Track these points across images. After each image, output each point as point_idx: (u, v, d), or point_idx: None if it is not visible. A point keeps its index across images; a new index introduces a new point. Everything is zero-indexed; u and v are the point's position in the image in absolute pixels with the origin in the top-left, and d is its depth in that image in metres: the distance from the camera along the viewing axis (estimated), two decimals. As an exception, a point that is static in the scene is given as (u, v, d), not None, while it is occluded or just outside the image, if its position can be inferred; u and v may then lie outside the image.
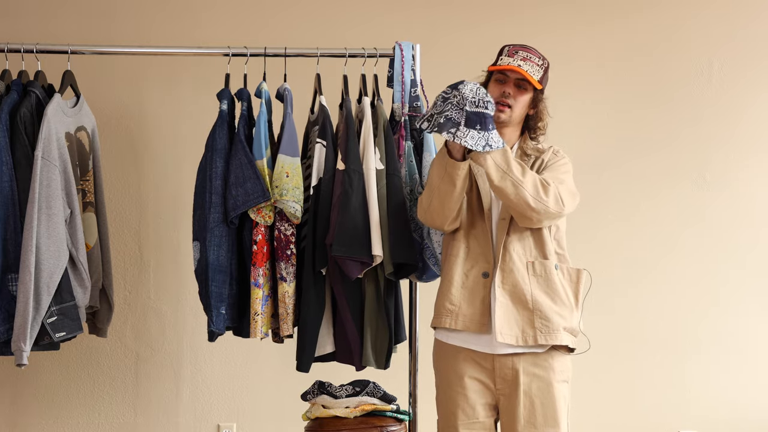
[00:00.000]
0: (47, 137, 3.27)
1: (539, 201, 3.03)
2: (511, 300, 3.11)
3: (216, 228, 3.39)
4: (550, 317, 3.09)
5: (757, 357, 4.42)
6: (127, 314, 4.27)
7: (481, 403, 3.14)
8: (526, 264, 3.12)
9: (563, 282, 3.15)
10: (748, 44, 4.41)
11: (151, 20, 4.26)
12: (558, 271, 3.15)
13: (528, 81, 3.11)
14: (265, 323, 3.44)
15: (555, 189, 3.05)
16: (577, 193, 3.16)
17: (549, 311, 3.10)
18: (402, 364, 3.67)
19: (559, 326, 3.10)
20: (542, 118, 3.19)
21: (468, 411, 3.14)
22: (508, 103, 3.12)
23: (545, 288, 3.12)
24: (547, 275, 3.13)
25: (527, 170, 3.05)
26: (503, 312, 3.10)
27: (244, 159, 3.36)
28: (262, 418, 4.34)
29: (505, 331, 3.08)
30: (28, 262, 3.20)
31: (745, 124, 4.41)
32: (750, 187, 4.41)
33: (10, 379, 4.25)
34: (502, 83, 3.14)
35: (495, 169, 3.01)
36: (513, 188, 3.01)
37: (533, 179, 3.03)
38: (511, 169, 3.01)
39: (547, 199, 3.03)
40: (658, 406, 4.41)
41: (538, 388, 3.09)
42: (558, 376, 3.12)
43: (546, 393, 3.09)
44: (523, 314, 3.10)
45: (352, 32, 4.18)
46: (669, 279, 4.40)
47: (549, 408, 3.09)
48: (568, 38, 4.34)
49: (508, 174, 3.01)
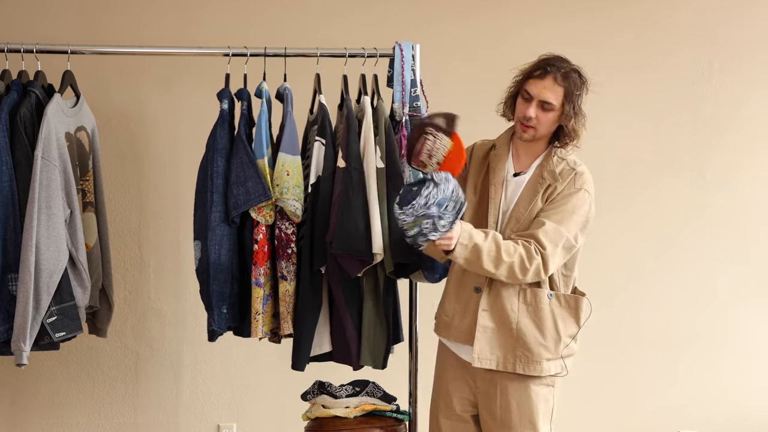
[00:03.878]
0: (47, 137, 3.26)
1: (514, 279, 2.99)
2: (497, 324, 3.07)
3: (217, 227, 3.39)
4: (532, 348, 3.05)
5: (758, 357, 4.42)
6: (127, 314, 4.27)
7: (458, 397, 3.18)
8: (518, 290, 3.07)
9: (555, 311, 3.08)
10: (748, 44, 4.40)
11: (151, 20, 4.26)
12: (552, 300, 3.08)
13: (553, 103, 3.03)
14: (266, 322, 3.44)
15: (537, 264, 2.97)
16: (574, 244, 3.04)
17: (533, 342, 3.05)
18: (402, 364, 3.67)
19: (542, 358, 3.06)
20: (573, 137, 3.08)
21: (447, 401, 3.21)
22: (531, 125, 3.06)
23: (533, 317, 3.07)
24: (537, 304, 3.07)
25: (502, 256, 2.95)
26: (483, 336, 3.08)
27: (245, 158, 3.36)
28: (262, 418, 4.34)
29: (484, 356, 3.08)
30: (28, 262, 3.20)
31: (745, 124, 4.41)
32: (749, 186, 4.41)
33: (10, 379, 4.25)
34: (528, 101, 3.06)
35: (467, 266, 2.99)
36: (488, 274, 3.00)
37: (507, 267, 2.96)
38: (482, 265, 2.96)
39: (524, 278, 2.99)
40: (658, 406, 4.41)
41: (515, 388, 3.08)
42: (538, 381, 3.09)
43: (523, 394, 3.08)
44: (507, 340, 3.07)
45: (352, 32, 4.18)
46: (669, 278, 4.40)
47: (525, 409, 3.07)
48: (569, 38, 4.34)
49: (480, 270, 2.98)
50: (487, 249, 2.95)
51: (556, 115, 3.06)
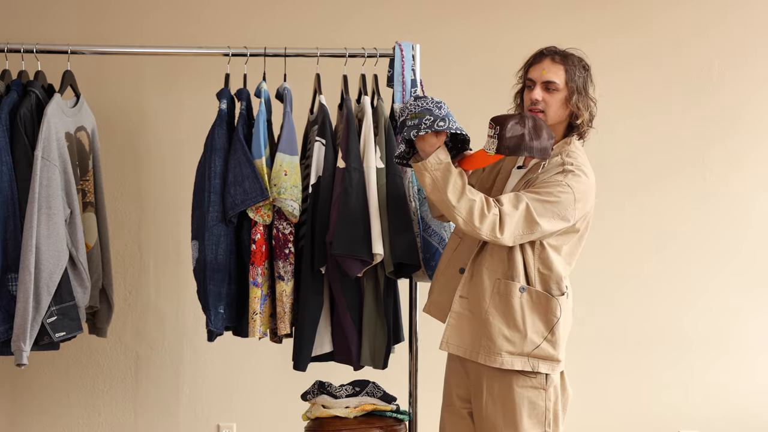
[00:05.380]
0: (47, 137, 3.26)
1: (471, 225, 2.95)
2: (470, 311, 3.09)
3: (215, 227, 3.39)
4: (495, 340, 3.04)
5: (758, 357, 4.42)
6: (127, 314, 4.27)
7: (455, 393, 3.22)
8: (494, 281, 3.07)
9: (525, 307, 3.05)
10: (749, 44, 4.40)
11: (151, 20, 4.26)
12: (524, 294, 3.05)
13: (556, 82, 3.04)
14: (264, 322, 3.44)
15: (495, 217, 2.94)
16: (537, 221, 2.94)
17: (496, 333, 3.04)
18: (402, 364, 3.67)
19: (502, 350, 3.03)
20: (579, 116, 3.07)
21: (448, 394, 3.26)
22: (539, 108, 3.05)
23: (503, 309, 3.05)
24: (507, 296, 3.05)
25: (466, 193, 2.96)
26: (456, 321, 3.10)
27: (243, 158, 3.36)
28: (262, 418, 4.34)
29: (453, 341, 3.10)
30: (28, 262, 3.20)
31: (745, 125, 4.40)
32: (751, 186, 4.40)
33: (10, 379, 4.25)
34: (532, 88, 3.08)
35: (431, 187, 2.98)
36: (446, 209, 2.99)
37: (468, 205, 2.94)
38: (446, 190, 2.96)
39: (480, 226, 2.94)
40: (658, 406, 4.41)
41: (499, 389, 3.08)
42: (522, 382, 3.06)
43: (507, 394, 3.07)
44: (477, 328, 3.08)
45: (352, 32, 4.19)
46: (670, 278, 4.40)
47: (509, 411, 3.06)
48: (569, 37, 4.33)
49: (443, 194, 2.97)
50: (455, 178, 2.97)
51: (562, 96, 3.06)
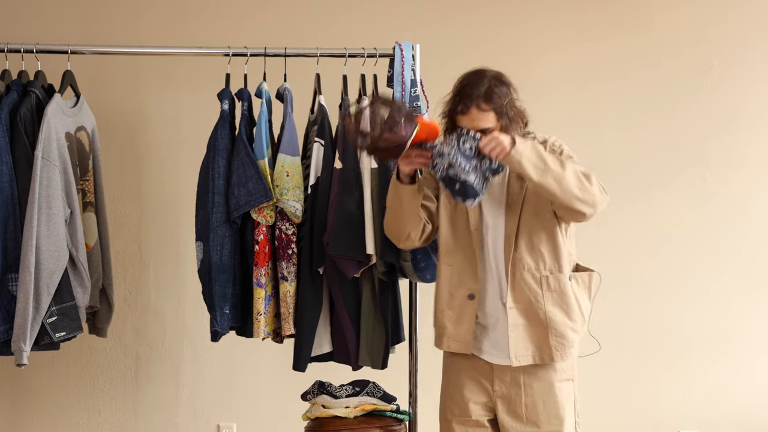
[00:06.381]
0: (47, 137, 3.26)
1: (585, 191, 2.91)
2: (526, 319, 3.06)
3: (219, 228, 3.39)
4: (565, 334, 3.05)
5: (758, 358, 4.41)
6: (127, 314, 4.27)
7: (473, 402, 3.13)
8: (540, 279, 3.05)
9: (577, 293, 3.09)
10: (748, 43, 4.40)
11: (151, 20, 4.26)
12: (572, 282, 3.09)
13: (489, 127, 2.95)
14: (269, 323, 3.44)
15: (595, 176, 2.94)
16: None
17: (564, 327, 3.05)
18: (402, 364, 3.67)
19: (574, 341, 3.08)
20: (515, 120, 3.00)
21: (462, 408, 3.13)
22: (481, 129, 2.96)
23: (560, 302, 3.06)
24: (561, 289, 3.06)
25: (565, 162, 2.92)
26: (517, 335, 3.05)
27: (246, 159, 3.36)
28: (262, 418, 4.34)
29: (520, 353, 3.05)
30: (28, 262, 3.20)
31: (745, 124, 4.40)
32: (750, 187, 4.40)
33: (10, 379, 4.25)
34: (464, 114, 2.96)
35: (533, 169, 2.88)
36: (556, 184, 2.89)
37: (573, 170, 2.90)
38: (548, 164, 2.88)
39: (591, 187, 2.91)
40: (658, 406, 4.40)
41: (539, 387, 3.08)
42: (559, 375, 3.10)
43: (548, 392, 3.08)
44: (538, 331, 3.06)
45: (352, 32, 4.18)
46: (670, 279, 4.40)
47: (551, 406, 3.08)
48: (569, 37, 4.34)
49: (547, 171, 2.89)
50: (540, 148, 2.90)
51: (497, 128, 2.98)
